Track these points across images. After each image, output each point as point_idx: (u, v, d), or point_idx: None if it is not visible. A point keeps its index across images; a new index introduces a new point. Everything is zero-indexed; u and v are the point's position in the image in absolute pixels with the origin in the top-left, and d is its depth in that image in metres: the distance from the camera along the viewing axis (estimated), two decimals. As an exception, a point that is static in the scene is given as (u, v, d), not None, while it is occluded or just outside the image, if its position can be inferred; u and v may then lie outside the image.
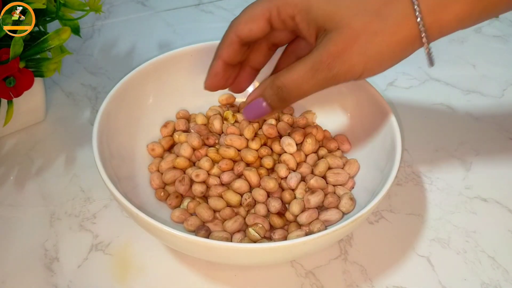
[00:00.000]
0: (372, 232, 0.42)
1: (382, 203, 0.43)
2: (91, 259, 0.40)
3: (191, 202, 0.41)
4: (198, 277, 0.39)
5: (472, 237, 0.42)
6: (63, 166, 0.47)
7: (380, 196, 0.35)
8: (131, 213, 0.35)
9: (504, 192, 0.45)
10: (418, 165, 0.47)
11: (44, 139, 0.49)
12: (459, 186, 0.45)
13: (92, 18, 0.62)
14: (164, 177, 0.42)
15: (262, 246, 0.34)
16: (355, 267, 0.40)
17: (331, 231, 0.33)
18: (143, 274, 0.39)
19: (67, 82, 0.55)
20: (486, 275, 0.39)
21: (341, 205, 0.40)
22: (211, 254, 0.35)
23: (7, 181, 0.46)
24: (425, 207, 0.44)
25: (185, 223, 0.39)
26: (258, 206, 0.40)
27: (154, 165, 0.43)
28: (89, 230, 0.42)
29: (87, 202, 0.44)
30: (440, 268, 0.40)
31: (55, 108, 0.52)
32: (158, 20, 0.64)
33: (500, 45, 0.60)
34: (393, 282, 0.39)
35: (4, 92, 0.42)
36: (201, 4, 0.67)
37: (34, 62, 0.44)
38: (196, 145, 0.43)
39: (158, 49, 0.60)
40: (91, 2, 0.46)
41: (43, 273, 0.39)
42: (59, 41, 0.43)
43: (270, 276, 0.39)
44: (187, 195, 0.42)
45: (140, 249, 0.41)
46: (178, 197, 0.41)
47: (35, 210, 0.43)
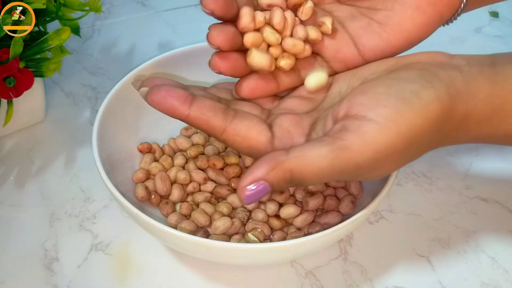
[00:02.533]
0: (372, 232, 0.42)
1: (382, 203, 0.43)
2: (91, 259, 0.40)
3: (183, 205, 0.40)
4: (198, 277, 0.39)
5: (472, 237, 0.42)
6: (63, 166, 0.47)
7: (380, 196, 0.35)
8: (131, 213, 0.35)
9: (504, 192, 0.45)
10: (418, 165, 0.47)
11: (44, 139, 0.49)
12: (459, 186, 0.45)
13: (92, 18, 0.62)
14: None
15: (262, 246, 0.34)
16: (355, 267, 0.40)
17: (331, 231, 0.33)
18: (143, 274, 0.39)
19: (67, 82, 0.55)
20: (486, 275, 0.39)
21: (341, 207, 0.40)
22: (211, 254, 0.35)
23: (7, 181, 0.45)
24: (425, 207, 0.44)
25: (178, 226, 0.39)
26: (255, 212, 0.40)
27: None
28: (89, 230, 0.42)
29: (87, 202, 0.44)
30: (440, 268, 0.40)
31: (55, 108, 0.52)
32: (158, 20, 0.64)
33: (500, 45, 0.60)
34: (393, 282, 0.39)
35: (4, 92, 0.42)
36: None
37: (34, 62, 0.44)
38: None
39: (158, 49, 0.59)
40: (91, 2, 0.46)
41: (43, 273, 0.39)
42: (59, 41, 0.43)
43: (270, 276, 0.39)
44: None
45: (140, 249, 0.40)
46: (169, 203, 0.41)
47: (35, 210, 0.43)
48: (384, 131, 0.28)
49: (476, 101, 0.30)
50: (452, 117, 0.30)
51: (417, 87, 0.29)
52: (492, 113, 0.30)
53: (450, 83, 0.29)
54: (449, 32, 0.36)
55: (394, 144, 0.28)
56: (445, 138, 0.31)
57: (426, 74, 0.30)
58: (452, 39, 0.59)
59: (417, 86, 0.29)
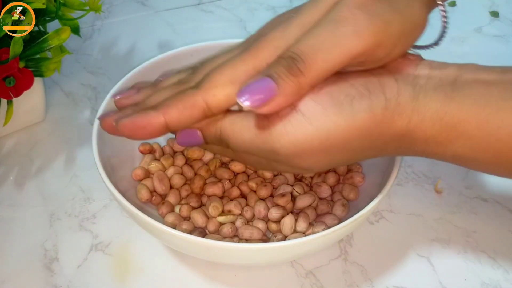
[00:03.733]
0: (372, 232, 0.42)
1: (382, 203, 0.43)
2: (91, 259, 0.40)
3: (183, 207, 0.40)
4: (198, 277, 0.39)
5: (472, 237, 0.42)
6: (63, 166, 0.47)
7: (380, 196, 0.35)
8: (131, 213, 0.35)
9: (504, 192, 0.45)
10: (418, 165, 0.47)
11: (44, 139, 0.49)
12: (459, 186, 0.45)
13: (92, 17, 0.62)
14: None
15: (263, 246, 0.33)
16: (355, 267, 0.40)
17: (331, 231, 0.33)
18: (143, 274, 0.39)
19: (66, 82, 0.55)
20: (486, 275, 0.39)
21: (334, 211, 0.40)
22: (211, 254, 0.35)
23: (7, 181, 0.45)
24: (425, 207, 0.44)
25: (178, 227, 0.39)
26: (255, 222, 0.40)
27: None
28: (89, 230, 0.42)
29: (87, 202, 0.44)
30: (440, 268, 0.40)
31: (55, 108, 0.52)
32: (158, 20, 0.64)
33: (500, 45, 0.60)
34: (393, 282, 0.39)
35: (4, 92, 0.42)
36: (201, 4, 0.67)
37: (34, 62, 0.44)
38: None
39: (158, 49, 0.59)
40: (91, 2, 0.46)
41: (43, 273, 0.39)
42: (59, 41, 0.43)
43: (270, 276, 0.39)
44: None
45: (140, 249, 0.40)
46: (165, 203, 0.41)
47: (35, 210, 0.43)
48: (305, 126, 0.28)
49: (421, 117, 0.29)
50: (387, 129, 0.29)
51: (354, 93, 0.29)
52: (441, 132, 0.29)
53: (393, 96, 0.29)
54: (449, 32, 0.36)
55: (311, 141, 0.29)
56: (385, 148, 0.31)
57: (371, 83, 0.29)
58: (452, 38, 0.59)
59: (354, 92, 0.29)
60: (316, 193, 0.41)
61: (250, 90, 0.27)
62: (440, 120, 0.29)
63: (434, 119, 0.29)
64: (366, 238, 0.41)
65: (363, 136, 0.29)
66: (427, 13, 0.31)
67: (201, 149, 0.43)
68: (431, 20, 0.32)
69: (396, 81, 0.30)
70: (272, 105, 0.27)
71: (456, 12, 0.63)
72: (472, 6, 0.65)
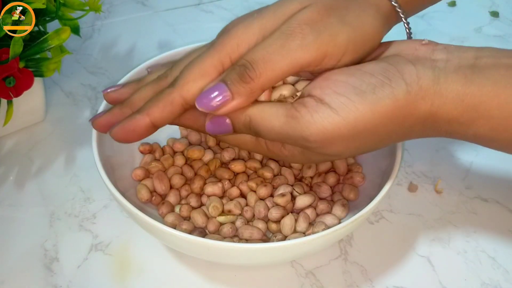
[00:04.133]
0: (372, 232, 0.42)
1: (382, 203, 0.43)
2: (91, 259, 0.40)
3: (183, 207, 0.40)
4: (198, 277, 0.39)
5: (472, 237, 0.42)
6: (63, 166, 0.47)
7: (380, 196, 0.35)
8: (131, 213, 0.35)
9: (504, 192, 0.45)
10: (418, 165, 0.47)
11: (44, 139, 0.49)
12: (459, 186, 0.45)
13: (92, 18, 0.62)
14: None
15: (263, 246, 0.33)
16: (355, 267, 0.40)
17: (331, 231, 0.33)
18: (143, 274, 0.39)
19: (67, 82, 0.55)
20: (486, 275, 0.39)
21: (334, 211, 0.40)
22: (211, 254, 0.35)
23: (7, 181, 0.45)
24: (425, 207, 0.44)
25: (178, 227, 0.39)
26: (255, 222, 0.40)
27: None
28: (89, 230, 0.42)
29: (87, 202, 0.44)
30: (440, 268, 0.40)
31: (55, 108, 0.52)
32: (158, 20, 0.64)
33: (500, 45, 0.60)
34: (393, 282, 0.39)
35: (4, 92, 0.42)
36: (201, 4, 0.67)
37: (34, 62, 0.44)
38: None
39: (158, 49, 0.59)
40: (90, 2, 0.46)
41: (43, 273, 0.39)
42: (59, 41, 0.43)
43: (270, 276, 0.39)
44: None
45: (140, 249, 0.40)
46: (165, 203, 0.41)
47: (35, 210, 0.43)
48: (332, 116, 0.30)
49: (443, 100, 0.30)
50: (411, 113, 0.30)
51: (375, 82, 0.30)
52: (463, 113, 0.30)
53: (414, 81, 0.30)
54: (450, 32, 0.36)
55: (339, 130, 0.30)
56: (410, 131, 0.32)
57: (390, 70, 0.31)
58: (453, 38, 0.59)
59: (375, 81, 0.30)
60: (316, 193, 0.41)
61: (207, 95, 0.31)
62: (462, 102, 0.30)
63: (455, 101, 0.30)
64: (366, 238, 0.41)
65: (388, 121, 0.30)
66: (383, 21, 0.33)
67: (201, 149, 0.43)
68: (432, 21, 0.32)
69: (414, 66, 0.31)
70: (228, 107, 0.31)
71: (456, 12, 0.63)
72: (472, 6, 0.65)
